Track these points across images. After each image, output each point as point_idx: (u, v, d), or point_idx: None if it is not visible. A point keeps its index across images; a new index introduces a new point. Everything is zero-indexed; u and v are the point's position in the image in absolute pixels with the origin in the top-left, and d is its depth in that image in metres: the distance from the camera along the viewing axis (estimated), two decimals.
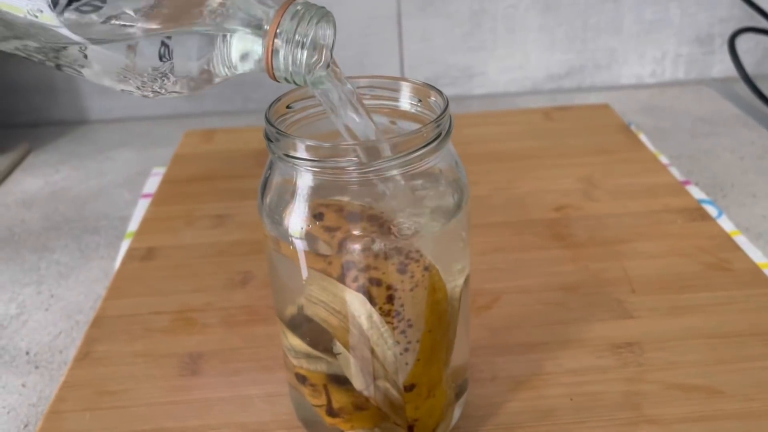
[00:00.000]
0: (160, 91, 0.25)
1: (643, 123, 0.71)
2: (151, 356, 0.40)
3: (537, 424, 0.34)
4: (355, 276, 0.26)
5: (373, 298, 0.26)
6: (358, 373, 0.28)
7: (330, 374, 0.29)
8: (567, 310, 0.42)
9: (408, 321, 0.27)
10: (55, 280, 0.51)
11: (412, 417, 0.30)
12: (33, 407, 0.39)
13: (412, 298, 0.27)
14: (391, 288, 0.26)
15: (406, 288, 0.27)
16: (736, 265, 0.45)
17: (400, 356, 0.28)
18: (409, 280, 0.27)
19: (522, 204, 0.54)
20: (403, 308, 0.27)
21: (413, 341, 0.28)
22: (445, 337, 0.29)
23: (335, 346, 0.28)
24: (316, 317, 0.28)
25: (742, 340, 0.39)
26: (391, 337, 0.27)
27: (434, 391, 0.30)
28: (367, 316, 0.27)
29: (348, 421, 0.30)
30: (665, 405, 0.35)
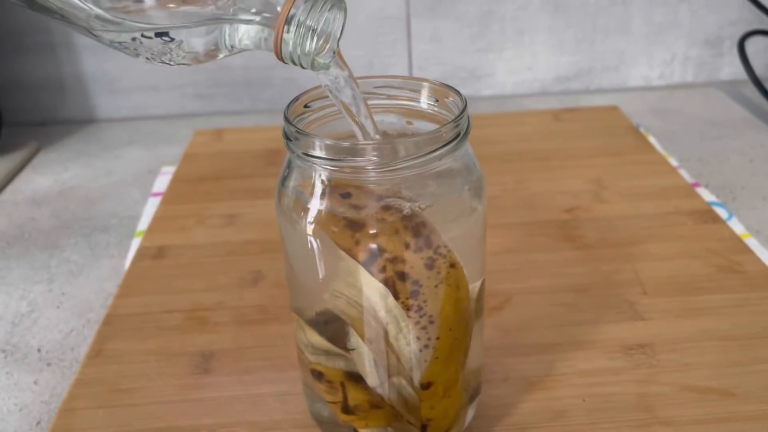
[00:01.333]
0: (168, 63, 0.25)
1: (652, 125, 0.71)
2: (163, 354, 0.40)
3: (550, 425, 0.34)
4: (382, 266, 0.26)
5: (397, 291, 0.26)
6: (373, 369, 0.28)
7: (347, 372, 0.29)
8: (578, 311, 0.42)
9: (430, 318, 0.27)
10: (66, 278, 0.51)
11: (426, 417, 0.30)
12: (45, 404, 0.39)
13: (435, 295, 0.27)
14: (417, 283, 0.26)
15: (431, 284, 0.27)
16: (747, 268, 0.45)
17: (419, 353, 0.28)
18: (435, 276, 0.27)
19: (532, 205, 0.54)
20: (426, 304, 0.27)
21: (433, 338, 0.28)
22: (463, 337, 0.29)
23: (349, 342, 0.28)
24: (339, 311, 0.28)
25: (755, 342, 0.39)
26: (411, 333, 0.27)
27: (450, 391, 0.30)
28: (388, 310, 0.27)
29: (363, 419, 0.30)
30: (678, 407, 0.35)
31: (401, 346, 0.28)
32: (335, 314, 0.28)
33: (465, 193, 0.28)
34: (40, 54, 0.76)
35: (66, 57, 0.76)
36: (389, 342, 0.28)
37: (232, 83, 0.78)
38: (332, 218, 0.26)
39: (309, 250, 0.27)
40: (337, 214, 0.26)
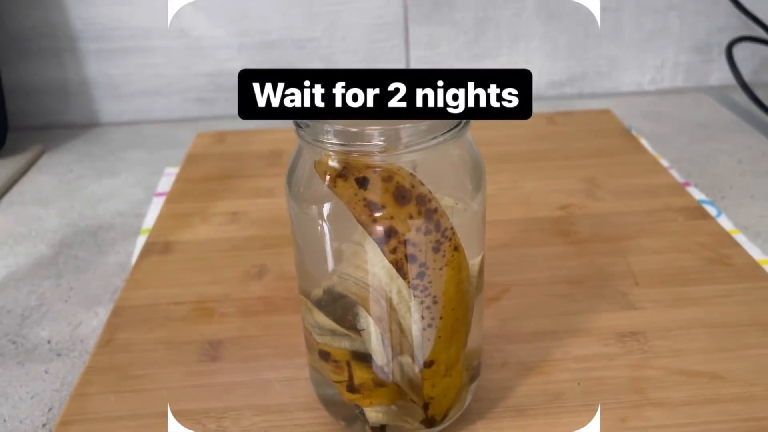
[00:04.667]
0: None
1: (643, 128, 0.73)
2: (172, 343, 0.41)
3: (547, 407, 0.36)
4: (394, 247, 0.27)
5: (405, 272, 0.28)
6: (381, 347, 0.30)
7: (353, 351, 0.30)
8: (573, 301, 0.44)
9: (434, 298, 0.29)
10: (74, 274, 0.52)
11: (428, 395, 0.31)
12: (56, 392, 0.41)
13: (440, 277, 0.28)
14: (424, 266, 0.28)
15: (436, 267, 0.28)
16: (735, 261, 0.47)
17: (423, 332, 0.29)
18: (440, 259, 0.28)
19: (527, 203, 0.56)
20: (431, 285, 0.28)
21: (436, 318, 0.29)
22: (464, 318, 0.31)
23: (359, 323, 0.29)
24: (348, 292, 0.29)
25: (743, 329, 0.40)
26: (417, 311, 0.29)
27: (451, 370, 0.31)
28: (396, 291, 0.28)
29: (367, 397, 0.31)
30: (670, 389, 0.36)
31: (408, 324, 0.29)
32: (342, 296, 0.29)
33: (467, 177, 0.29)
34: (45, 59, 0.77)
35: (70, 62, 0.78)
36: (396, 321, 0.29)
37: (233, 87, 0.79)
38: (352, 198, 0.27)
39: (318, 234, 0.29)
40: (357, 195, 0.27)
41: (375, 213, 0.27)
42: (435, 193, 0.27)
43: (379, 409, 0.32)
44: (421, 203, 0.27)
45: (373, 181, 0.27)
